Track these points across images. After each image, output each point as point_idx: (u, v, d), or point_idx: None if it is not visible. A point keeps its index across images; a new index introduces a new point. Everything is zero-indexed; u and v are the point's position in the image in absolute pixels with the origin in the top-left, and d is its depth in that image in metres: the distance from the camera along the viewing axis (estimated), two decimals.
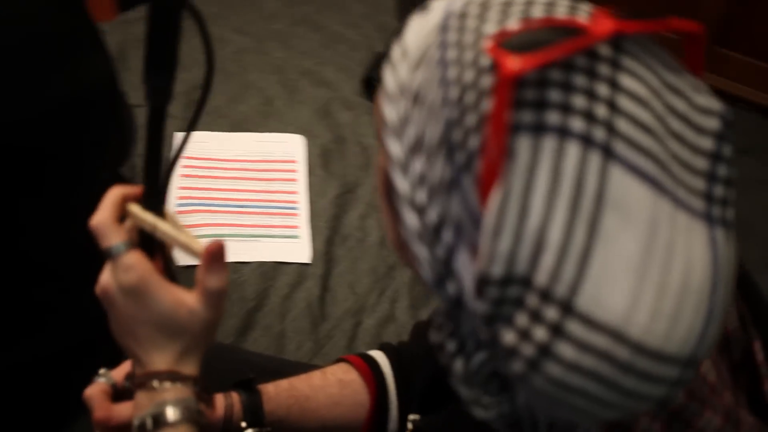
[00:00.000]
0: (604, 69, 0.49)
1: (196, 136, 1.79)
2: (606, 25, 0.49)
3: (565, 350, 0.48)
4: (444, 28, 0.54)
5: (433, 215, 0.53)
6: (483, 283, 0.49)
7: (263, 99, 1.92)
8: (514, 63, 0.46)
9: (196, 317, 0.70)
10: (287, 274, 1.56)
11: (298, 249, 1.61)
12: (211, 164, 1.75)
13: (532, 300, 0.48)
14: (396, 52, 0.59)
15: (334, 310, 1.53)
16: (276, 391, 0.93)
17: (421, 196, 0.54)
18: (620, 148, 0.48)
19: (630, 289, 0.47)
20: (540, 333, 0.48)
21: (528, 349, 0.49)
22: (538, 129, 0.48)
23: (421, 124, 0.54)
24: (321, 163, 1.79)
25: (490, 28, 0.52)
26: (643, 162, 0.49)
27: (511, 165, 0.48)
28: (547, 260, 0.47)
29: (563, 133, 0.48)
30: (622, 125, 0.49)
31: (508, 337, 0.49)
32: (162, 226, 0.71)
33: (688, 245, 0.49)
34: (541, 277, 0.48)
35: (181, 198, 1.66)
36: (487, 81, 0.50)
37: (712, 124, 0.51)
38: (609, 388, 0.48)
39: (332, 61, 2.08)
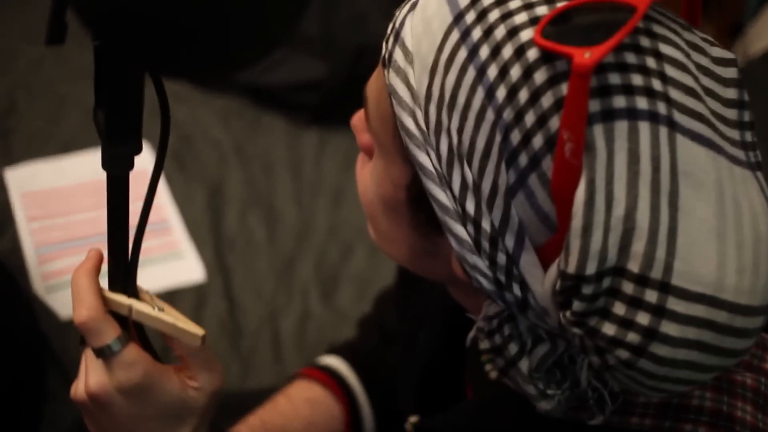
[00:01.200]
0: (645, 41, 0.50)
1: (23, 170, 1.58)
2: None
3: (670, 329, 0.48)
4: (461, 23, 0.52)
5: (488, 224, 0.52)
6: (578, 282, 0.48)
7: (85, 111, 1.72)
8: (586, 55, 0.45)
9: (203, 392, 0.66)
10: (185, 298, 1.44)
11: (188, 268, 1.49)
12: (53, 197, 1.56)
13: (627, 288, 0.48)
14: (397, 55, 0.55)
15: (248, 322, 1.44)
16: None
17: (470, 206, 0.53)
18: (679, 117, 0.49)
19: (715, 254, 0.48)
20: (643, 318, 0.48)
21: (633, 337, 0.49)
22: (608, 116, 0.48)
23: (461, 132, 0.52)
24: (175, 167, 1.65)
25: (521, 17, 0.50)
26: (698, 126, 0.50)
27: (591, 157, 0.47)
28: (639, 246, 0.47)
29: (632, 114, 0.48)
30: (675, 94, 0.49)
31: (608, 328, 0.49)
32: (151, 312, 0.64)
33: (748, 197, 0.50)
34: (635, 264, 0.48)
35: (37, 245, 1.47)
36: (541, 76, 0.49)
37: (732, 73, 0.53)
38: (711, 354, 0.49)
39: None
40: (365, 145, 0.65)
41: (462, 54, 0.52)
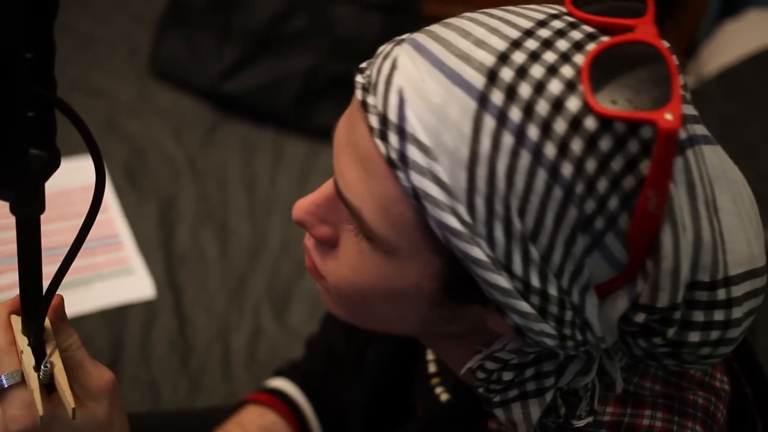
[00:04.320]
0: None
1: None
2: (651, 29, 0.50)
3: (737, 312, 0.52)
4: (490, 107, 0.49)
5: (555, 290, 0.52)
6: (669, 312, 0.51)
7: None
8: (668, 117, 0.45)
9: (100, 398, 0.60)
10: (135, 314, 1.42)
11: (138, 284, 1.47)
12: None
13: (702, 296, 0.51)
14: (413, 154, 0.51)
15: (198, 340, 1.42)
16: None
17: (536, 280, 0.51)
18: (695, 129, 0.52)
19: (743, 233, 0.52)
20: (719, 315, 0.52)
21: (714, 335, 0.53)
22: None
23: (523, 215, 0.50)
24: (127, 182, 1.63)
25: (555, 86, 0.49)
26: (701, 129, 0.53)
27: (669, 205, 0.49)
28: (706, 259, 0.51)
29: (681, 148, 0.50)
30: (686, 109, 0.52)
31: (693, 336, 0.53)
32: (27, 368, 0.58)
33: (731, 167, 0.54)
34: (705, 274, 0.51)
35: None
36: (606, 143, 0.48)
37: (674, 59, 0.54)
38: (754, 314, 0.54)
39: (96, 66, 1.87)
40: (327, 237, 0.60)
41: (508, 140, 0.49)
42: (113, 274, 1.47)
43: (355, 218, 0.55)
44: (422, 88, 0.51)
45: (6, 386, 0.56)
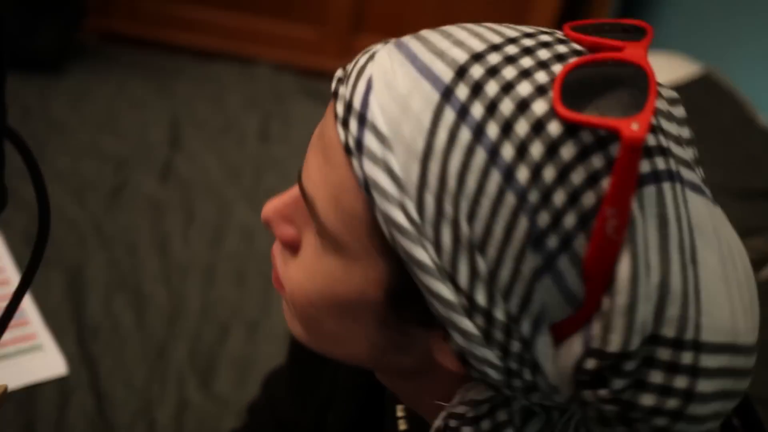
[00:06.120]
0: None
1: None
2: (638, 50, 0.48)
3: (704, 386, 0.47)
4: (453, 100, 0.47)
5: (502, 314, 0.48)
6: (620, 359, 0.46)
7: None
8: (633, 127, 0.42)
9: None
10: (47, 394, 1.31)
11: (47, 361, 1.35)
12: None
13: (664, 354, 0.46)
14: (369, 141, 0.49)
15: (120, 417, 1.32)
16: None
17: (481, 297, 0.48)
18: (682, 170, 0.48)
19: (726, 302, 0.47)
20: (681, 382, 0.47)
21: (672, 403, 0.47)
22: (637, 183, 0.46)
23: (471, 220, 0.47)
24: (28, 251, 1.51)
25: (524, 88, 0.47)
26: (690, 175, 0.49)
27: (632, 230, 0.45)
28: (673, 311, 0.46)
29: (656, 177, 0.46)
30: (674, 147, 0.49)
31: (647, 399, 0.47)
32: None
33: (729, 234, 0.50)
34: (670, 329, 0.46)
35: None
36: (568, 152, 0.45)
37: (682, 112, 0.52)
38: (731, 399, 0.49)
39: None
40: (290, 239, 0.58)
41: (465, 135, 0.47)
42: (19, 352, 1.35)
43: (310, 210, 0.54)
44: (391, 78, 0.50)
45: None
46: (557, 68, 0.48)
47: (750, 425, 0.63)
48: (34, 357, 1.36)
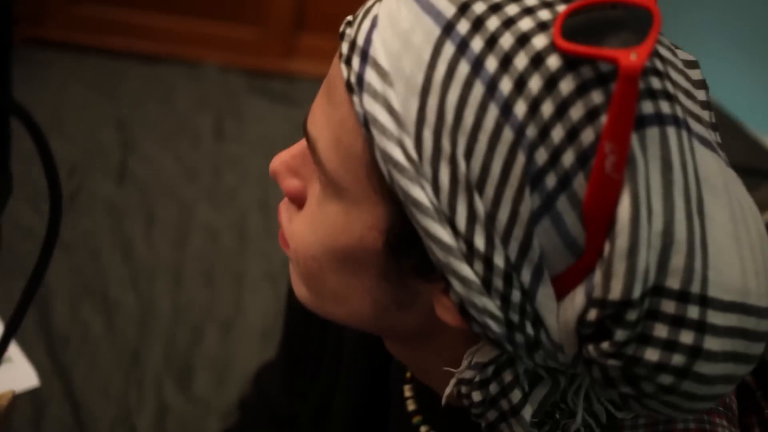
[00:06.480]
0: None
1: None
2: None
3: (712, 344, 0.46)
4: (454, 34, 0.47)
5: (501, 260, 0.47)
6: (622, 308, 0.45)
7: None
8: (632, 57, 0.42)
9: None
10: (20, 408, 1.26)
11: (18, 374, 1.29)
12: None
13: (669, 307, 0.45)
14: (370, 77, 0.49)
15: (99, 427, 1.29)
16: None
17: (480, 241, 0.47)
18: (690, 122, 0.48)
19: (738, 259, 0.47)
20: (686, 337, 0.46)
21: (678, 359, 0.46)
22: (640, 122, 0.45)
23: (469, 157, 0.47)
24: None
25: (526, 23, 0.46)
26: (701, 129, 0.49)
27: (632, 169, 0.44)
28: (678, 261, 0.45)
29: (660, 120, 0.45)
30: (681, 97, 0.48)
31: (651, 354, 0.46)
32: None
33: (743, 195, 0.49)
34: (675, 280, 0.45)
35: None
36: (567, 85, 0.45)
37: (698, 75, 0.52)
38: (742, 363, 0.48)
39: None
40: (295, 191, 0.58)
41: (463, 68, 0.46)
42: None
43: (312, 152, 0.54)
44: (395, 15, 0.50)
45: None
46: (561, 8, 0.47)
47: None
48: (4, 370, 1.31)
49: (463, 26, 0.47)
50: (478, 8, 0.47)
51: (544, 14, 0.47)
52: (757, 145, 1.82)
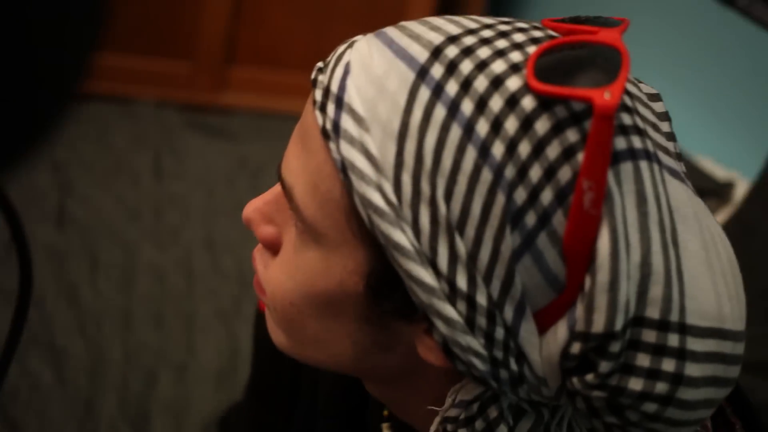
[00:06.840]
0: None
1: None
2: (613, 33, 0.49)
3: (693, 370, 0.47)
4: (428, 79, 0.48)
5: (484, 298, 0.48)
6: (605, 340, 0.46)
7: None
8: (606, 95, 0.43)
9: None
10: None
11: None
12: None
13: (650, 336, 0.47)
14: (346, 123, 0.49)
15: None
16: None
17: (462, 281, 0.48)
18: (660, 154, 0.49)
19: (711, 287, 0.48)
20: (668, 365, 0.47)
21: (661, 387, 0.47)
22: (615, 158, 0.46)
23: (449, 199, 0.47)
24: None
25: (498, 65, 0.48)
26: (669, 160, 0.50)
27: (609, 204, 0.45)
28: (656, 291, 0.46)
29: (633, 154, 0.47)
30: (650, 132, 0.50)
31: (635, 384, 0.47)
32: None
33: (711, 222, 0.51)
34: (654, 310, 0.46)
35: None
36: (542, 125, 0.46)
37: (662, 107, 0.54)
38: (722, 387, 0.49)
39: None
40: (270, 238, 0.58)
41: (440, 112, 0.47)
42: None
43: (289, 199, 0.54)
44: (368, 62, 0.50)
45: None
46: (531, 49, 0.48)
47: (744, 416, 0.65)
48: None
49: (437, 70, 0.48)
50: (451, 52, 0.48)
51: (516, 56, 0.48)
52: (690, 164, 1.87)
